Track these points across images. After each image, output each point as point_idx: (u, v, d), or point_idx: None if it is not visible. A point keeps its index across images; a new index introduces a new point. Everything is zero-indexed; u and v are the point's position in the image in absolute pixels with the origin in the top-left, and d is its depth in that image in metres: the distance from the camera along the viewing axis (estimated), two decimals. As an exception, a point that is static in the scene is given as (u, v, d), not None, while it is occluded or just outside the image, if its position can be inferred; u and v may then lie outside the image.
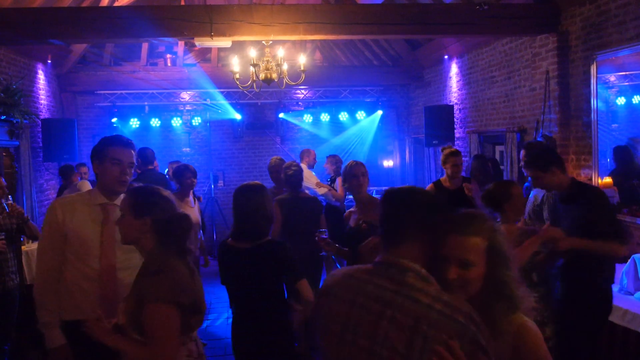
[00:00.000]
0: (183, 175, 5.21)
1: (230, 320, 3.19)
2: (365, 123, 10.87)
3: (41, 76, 8.37)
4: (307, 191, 5.57)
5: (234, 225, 3.12)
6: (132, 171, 2.91)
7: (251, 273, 3.00)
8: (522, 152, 4.78)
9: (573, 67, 5.66)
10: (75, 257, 2.72)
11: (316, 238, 3.67)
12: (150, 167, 6.37)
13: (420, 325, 1.51)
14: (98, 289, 2.69)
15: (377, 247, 1.85)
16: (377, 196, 4.72)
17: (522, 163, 4.50)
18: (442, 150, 5.46)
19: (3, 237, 4.29)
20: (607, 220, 3.29)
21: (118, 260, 2.74)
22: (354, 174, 3.91)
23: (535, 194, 4.44)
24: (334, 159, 7.36)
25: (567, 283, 3.46)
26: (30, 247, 5.53)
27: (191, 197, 5.35)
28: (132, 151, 2.89)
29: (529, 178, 4.68)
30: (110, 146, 2.83)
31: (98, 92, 9.77)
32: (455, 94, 8.66)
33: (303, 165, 7.35)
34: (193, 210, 5.29)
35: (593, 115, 5.38)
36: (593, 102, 5.37)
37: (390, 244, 1.71)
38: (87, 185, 6.20)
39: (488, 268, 1.68)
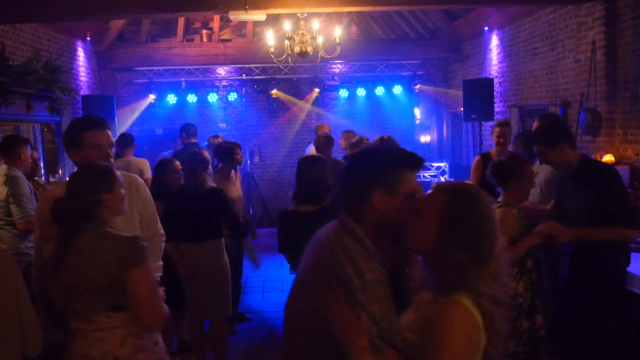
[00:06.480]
0: (234, 152, 5.27)
1: (265, 294, 3.26)
2: (402, 98, 10.70)
3: (81, 53, 8.50)
4: None
5: (297, 190, 3.52)
6: (113, 151, 2.74)
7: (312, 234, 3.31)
8: (535, 124, 4.59)
9: (622, 36, 5.39)
10: None
11: None
12: (193, 140, 6.65)
13: (321, 267, 1.71)
14: None
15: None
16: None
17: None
18: None
19: None
20: (615, 202, 3.08)
21: None
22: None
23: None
24: (348, 134, 6.69)
25: (578, 266, 3.28)
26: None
27: (233, 173, 5.40)
28: (109, 131, 2.71)
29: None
30: (85, 130, 2.63)
31: (136, 68, 9.89)
32: (496, 67, 8.41)
33: None
34: (236, 186, 5.35)
35: (642, 87, 5.14)
36: (643, 73, 5.12)
37: (346, 203, 1.82)
38: (146, 165, 6.14)
39: (439, 233, 1.58)
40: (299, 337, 1.76)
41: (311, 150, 6.65)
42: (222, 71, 10.58)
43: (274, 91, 10.32)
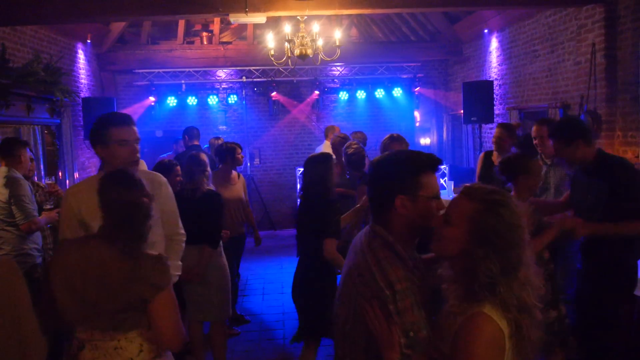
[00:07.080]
0: (235, 151, 5.28)
1: (265, 297, 3.30)
2: (402, 100, 10.71)
3: (81, 55, 8.51)
4: None
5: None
6: (139, 146, 2.78)
7: (302, 223, 3.76)
8: (534, 129, 4.63)
9: (621, 38, 5.39)
10: None
11: None
12: (196, 142, 6.93)
13: (356, 278, 1.78)
14: None
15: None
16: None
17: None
18: None
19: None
20: (632, 196, 3.11)
21: None
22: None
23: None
24: (356, 135, 6.57)
25: (592, 258, 3.32)
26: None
27: (234, 174, 5.41)
28: (135, 127, 2.75)
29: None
30: (112, 127, 2.66)
31: (136, 71, 9.89)
32: (495, 70, 8.42)
33: None
34: (236, 187, 5.36)
35: (642, 90, 5.14)
36: (642, 76, 5.12)
37: (373, 210, 1.89)
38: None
39: (469, 243, 1.57)
40: (348, 348, 1.80)
41: (323, 148, 6.77)
42: (222, 73, 10.58)
43: (274, 94, 10.33)
